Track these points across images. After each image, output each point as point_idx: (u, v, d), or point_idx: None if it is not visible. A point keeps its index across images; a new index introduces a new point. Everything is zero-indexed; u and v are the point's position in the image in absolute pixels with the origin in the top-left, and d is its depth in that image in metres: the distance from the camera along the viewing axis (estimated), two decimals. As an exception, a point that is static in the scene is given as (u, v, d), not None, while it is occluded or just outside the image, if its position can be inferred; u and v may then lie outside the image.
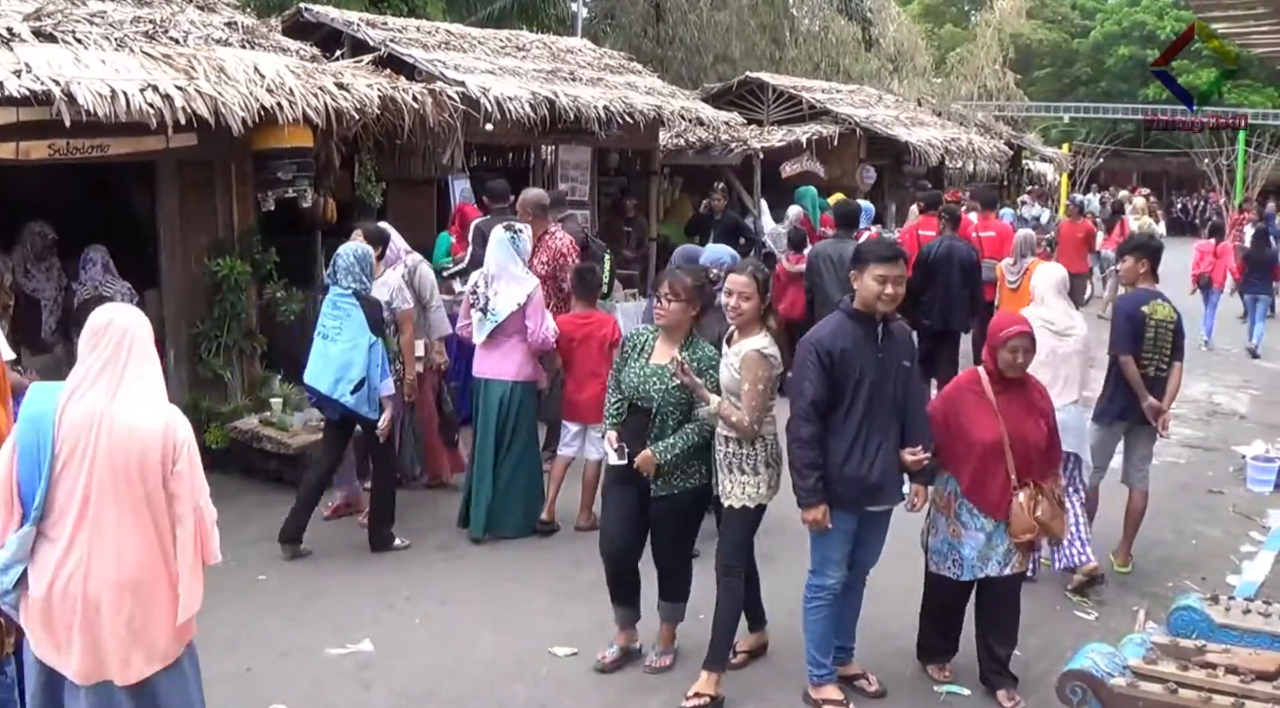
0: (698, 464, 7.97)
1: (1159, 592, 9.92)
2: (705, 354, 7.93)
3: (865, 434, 7.55)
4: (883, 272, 7.49)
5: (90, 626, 5.42)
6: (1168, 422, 10.38)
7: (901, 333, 7.87)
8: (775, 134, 24.82)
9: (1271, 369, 21.69)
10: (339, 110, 12.53)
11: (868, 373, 7.53)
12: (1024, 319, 8.26)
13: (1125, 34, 64.86)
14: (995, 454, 7.77)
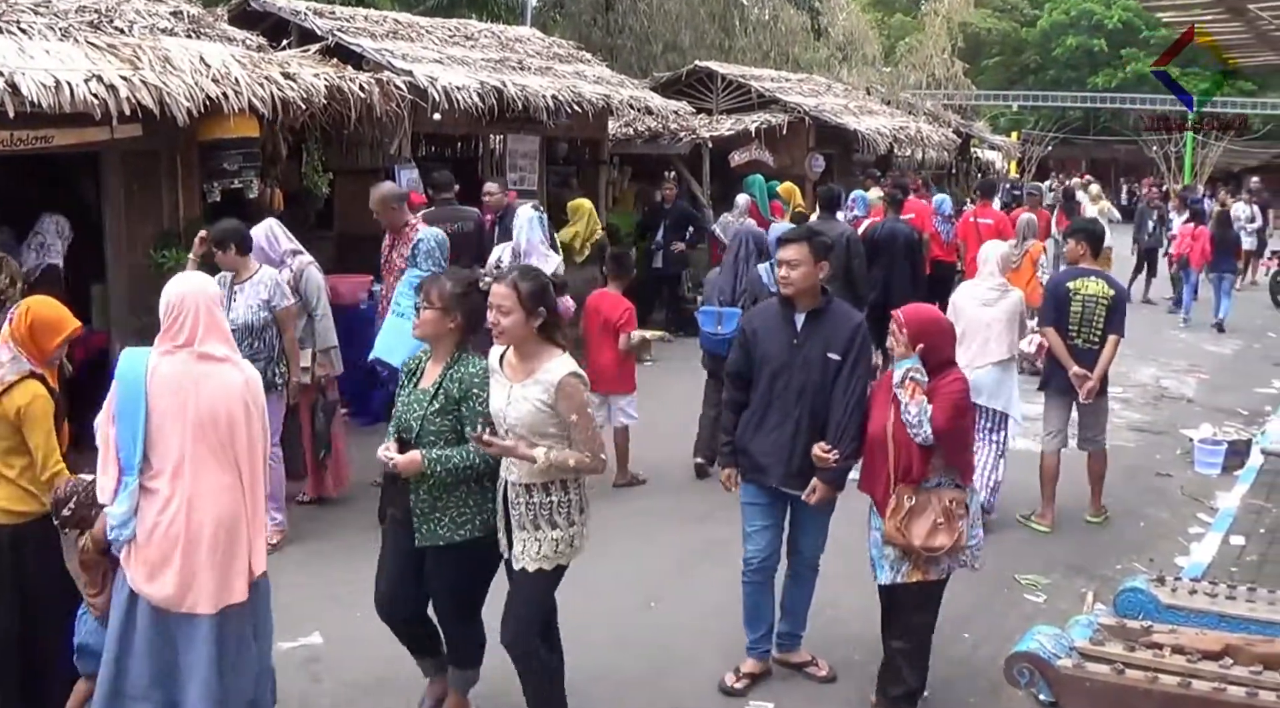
0: (470, 512, 6.75)
1: (1107, 574, 10.03)
2: (468, 373, 6.68)
3: (763, 413, 7.72)
4: (780, 255, 7.70)
5: (187, 559, 5.95)
6: (1091, 390, 11.10)
7: (837, 326, 7.61)
8: (724, 123, 24.87)
9: (1218, 353, 21.89)
10: (285, 100, 12.50)
11: (773, 356, 7.64)
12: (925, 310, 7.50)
13: (1073, 23, 65.00)
14: (879, 447, 7.28)
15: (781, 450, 7.61)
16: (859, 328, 7.63)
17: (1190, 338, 23.33)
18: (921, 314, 7.35)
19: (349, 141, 15.30)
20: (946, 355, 7.33)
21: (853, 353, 7.54)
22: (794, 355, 7.57)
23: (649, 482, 12.55)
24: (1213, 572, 9.81)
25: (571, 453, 6.40)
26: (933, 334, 7.22)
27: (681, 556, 10.21)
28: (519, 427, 6.39)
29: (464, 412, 6.69)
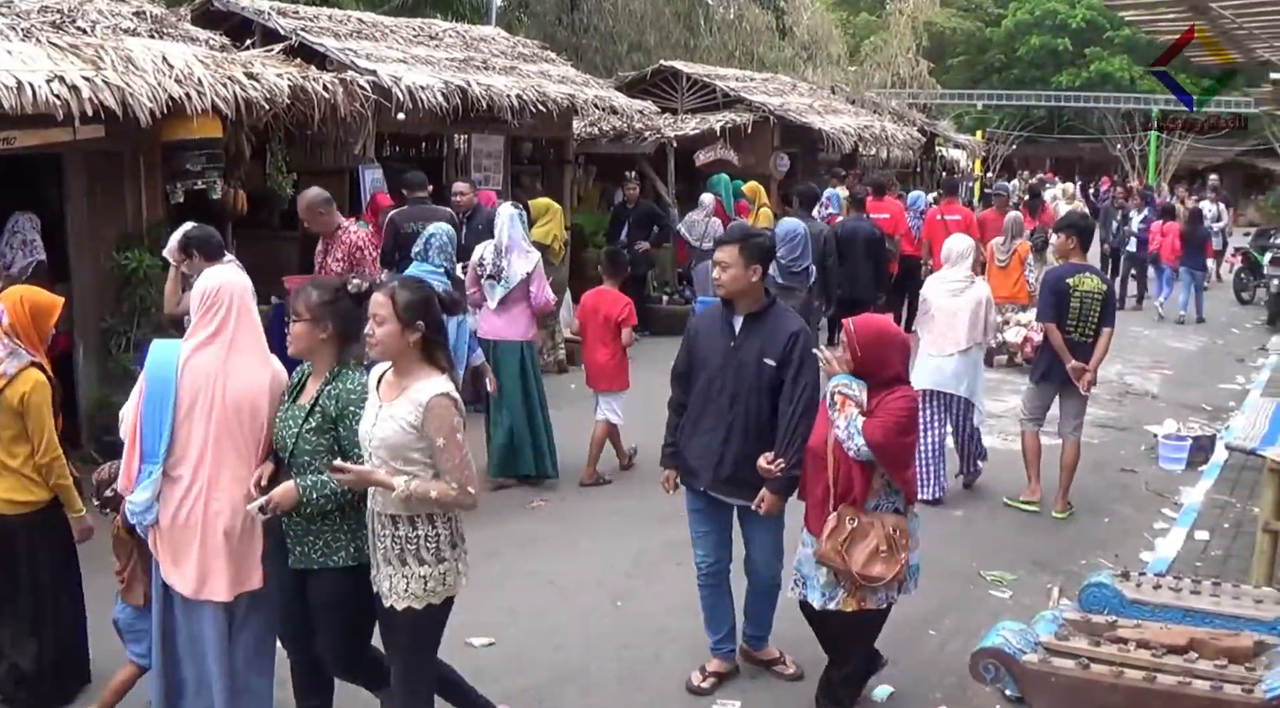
0: (345, 538, 6.21)
1: (1073, 569, 10.07)
2: (346, 389, 6.14)
3: (698, 417, 7.68)
4: (715, 256, 7.64)
5: (205, 546, 6.20)
6: (1090, 382, 11.68)
7: (775, 331, 7.42)
8: (689, 122, 24.82)
9: (1183, 349, 22.09)
10: (249, 100, 12.46)
11: (709, 359, 7.60)
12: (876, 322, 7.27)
13: (1038, 22, 65.21)
14: (817, 461, 6.98)
15: (711, 455, 7.57)
16: (797, 334, 7.39)
17: (1155, 334, 23.55)
18: (872, 325, 7.12)
19: (313, 142, 15.32)
20: (895, 370, 7.03)
21: (793, 360, 7.31)
22: (729, 359, 7.49)
23: (621, 479, 12.64)
24: (1177, 567, 9.89)
25: (435, 484, 5.80)
26: (882, 346, 7.01)
27: (648, 554, 10.22)
28: (383, 449, 5.83)
29: (341, 431, 6.11)
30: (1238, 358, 21.09)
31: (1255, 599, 7.29)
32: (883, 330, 7.13)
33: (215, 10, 17.24)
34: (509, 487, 12.26)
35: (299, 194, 12.12)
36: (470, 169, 18.00)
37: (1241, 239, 31.57)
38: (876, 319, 7.35)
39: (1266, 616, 7.06)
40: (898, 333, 7.27)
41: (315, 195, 12.01)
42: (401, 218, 13.81)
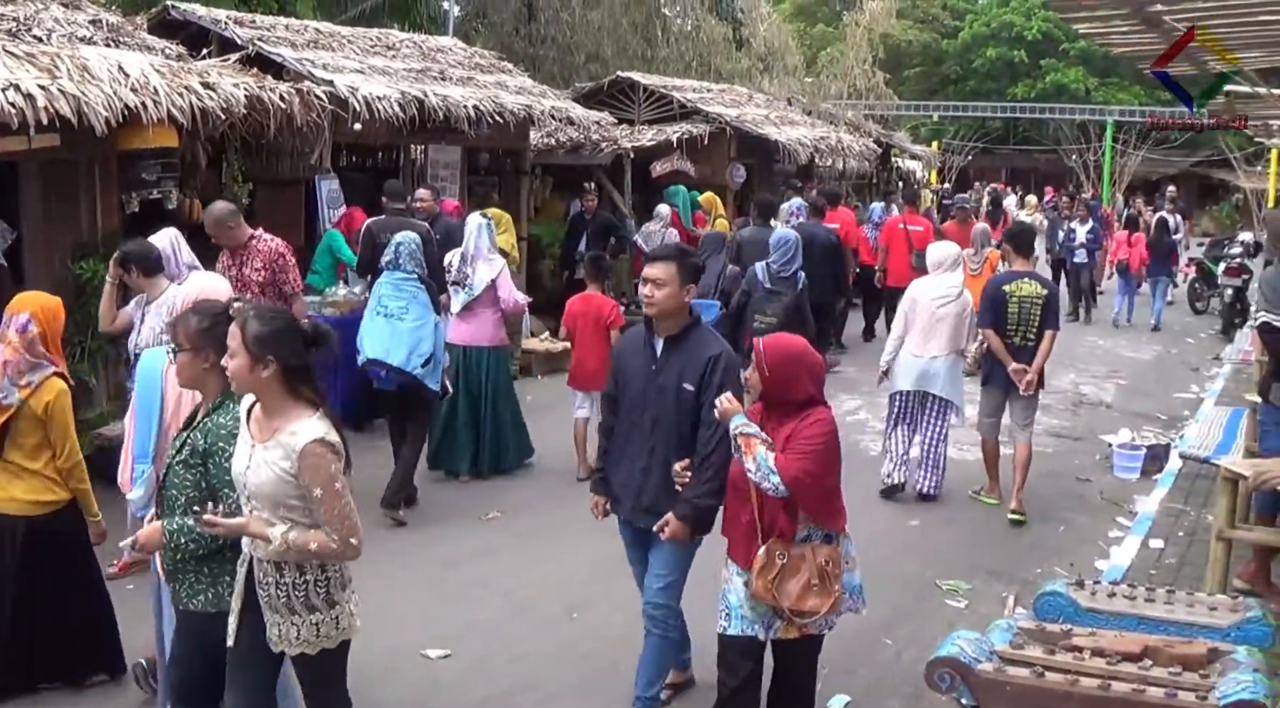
0: (205, 583, 5.87)
1: (1028, 578, 10.12)
2: (217, 424, 5.79)
3: (622, 443, 7.46)
4: (645, 272, 7.21)
5: None
6: (1030, 383, 12.07)
7: (694, 355, 7.10)
8: (646, 133, 24.84)
9: (1137, 359, 22.23)
10: (205, 110, 12.42)
11: (631, 382, 7.36)
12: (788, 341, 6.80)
13: (994, 35, 65.59)
14: (739, 491, 6.56)
15: (632, 482, 7.33)
16: (717, 359, 7.04)
17: (1109, 344, 23.70)
18: (783, 345, 6.69)
19: (269, 152, 15.25)
20: (808, 392, 6.57)
21: (712, 385, 6.93)
22: (650, 383, 7.21)
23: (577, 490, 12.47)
24: (1132, 575, 9.94)
25: (315, 535, 5.37)
26: (793, 367, 6.56)
27: (604, 564, 10.16)
28: (258, 496, 5.44)
29: (210, 469, 5.75)
30: (1192, 367, 21.23)
31: (1209, 607, 7.34)
32: (793, 350, 6.65)
33: (172, 19, 17.20)
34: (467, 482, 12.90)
35: (206, 210, 11.75)
36: (427, 179, 17.94)
37: (1196, 249, 31.77)
38: (787, 338, 6.86)
39: (1220, 623, 7.10)
40: (810, 353, 6.73)
41: (223, 209, 11.72)
42: (378, 227, 13.81)
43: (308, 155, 15.43)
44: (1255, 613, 7.14)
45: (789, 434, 6.43)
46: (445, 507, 11.82)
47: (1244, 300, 23.96)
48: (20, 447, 7.23)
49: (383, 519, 11.16)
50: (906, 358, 12.62)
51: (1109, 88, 61.60)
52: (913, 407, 12.71)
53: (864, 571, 7.16)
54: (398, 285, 11.68)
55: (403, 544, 10.74)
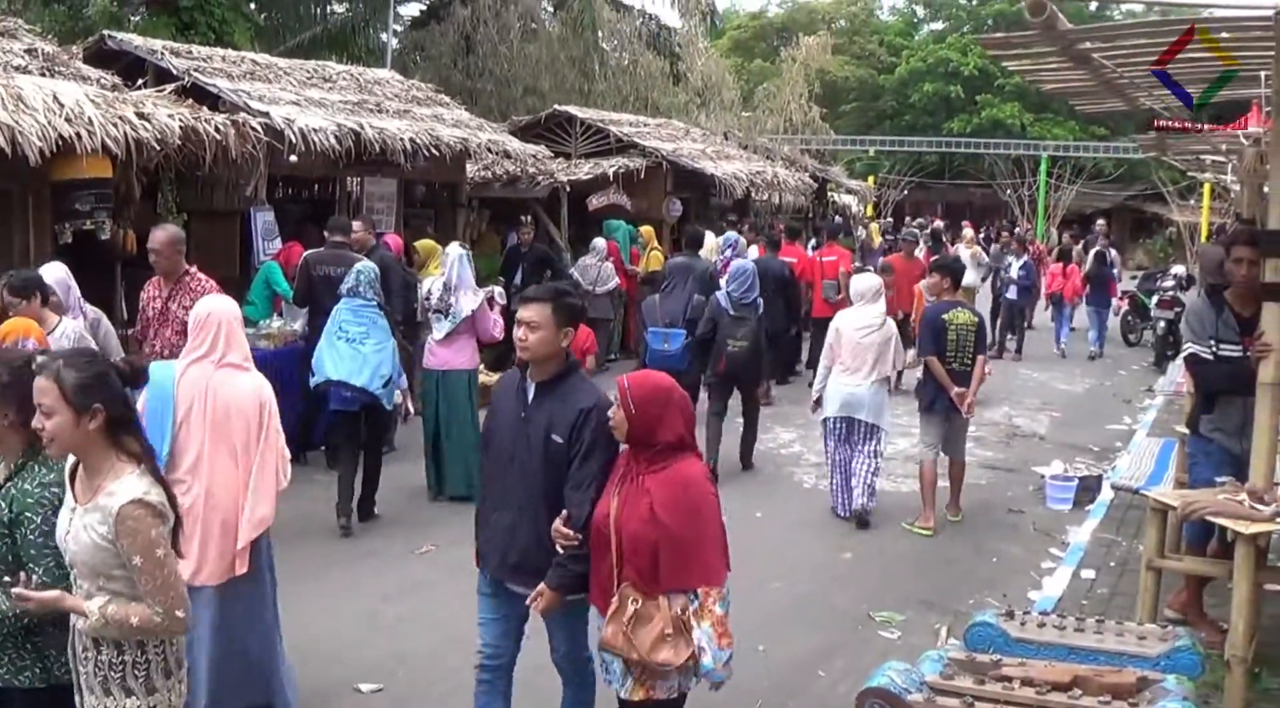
0: (30, 658, 5.29)
1: (961, 609, 10.12)
2: (24, 491, 5.16)
3: (489, 494, 6.95)
4: (519, 314, 6.61)
5: (202, 540, 7.09)
6: (972, 406, 12.99)
7: (565, 404, 6.52)
8: (583, 167, 24.93)
9: (1070, 392, 22.38)
10: (140, 140, 12.39)
11: (500, 429, 6.80)
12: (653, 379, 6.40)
13: (930, 70, 65.99)
14: (600, 535, 6.14)
15: (498, 537, 6.73)
16: (590, 411, 6.43)
17: (1043, 377, 23.82)
18: (650, 383, 6.28)
19: (204, 183, 15.23)
20: (677, 433, 6.16)
21: (582, 439, 6.40)
22: (519, 431, 6.62)
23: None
24: (1064, 605, 9.98)
25: (136, 608, 4.81)
26: (660, 406, 6.15)
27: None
28: (78, 564, 4.92)
29: (17, 540, 5.16)
30: (1124, 399, 21.36)
31: (1139, 636, 7.37)
32: (661, 388, 6.23)
33: (107, 49, 17.15)
34: None
35: (153, 230, 11.29)
36: (363, 212, 17.91)
37: (1129, 282, 32.04)
38: (654, 376, 6.42)
39: (1150, 652, 7.14)
40: (678, 391, 6.31)
41: (176, 232, 11.34)
42: (315, 260, 13.94)
43: (243, 187, 15.36)
44: (1184, 642, 7.19)
45: (655, 476, 6.05)
46: (383, 539, 11.82)
47: (1176, 333, 24.10)
48: None
49: (321, 549, 11.17)
50: (834, 385, 13.14)
51: (1044, 123, 62.09)
52: (840, 432, 13.11)
53: (797, 602, 7.17)
54: (357, 311, 12.11)
55: (340, 576, 10.72)
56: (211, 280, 11.38)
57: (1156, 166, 43.65)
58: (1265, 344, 8.10)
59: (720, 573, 6.10)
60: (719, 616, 6.04)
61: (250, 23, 30.23)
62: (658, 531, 5.93)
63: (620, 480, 6.20)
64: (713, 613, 6.01)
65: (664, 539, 5.94)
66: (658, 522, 5.94)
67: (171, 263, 11.10)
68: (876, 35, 74.66)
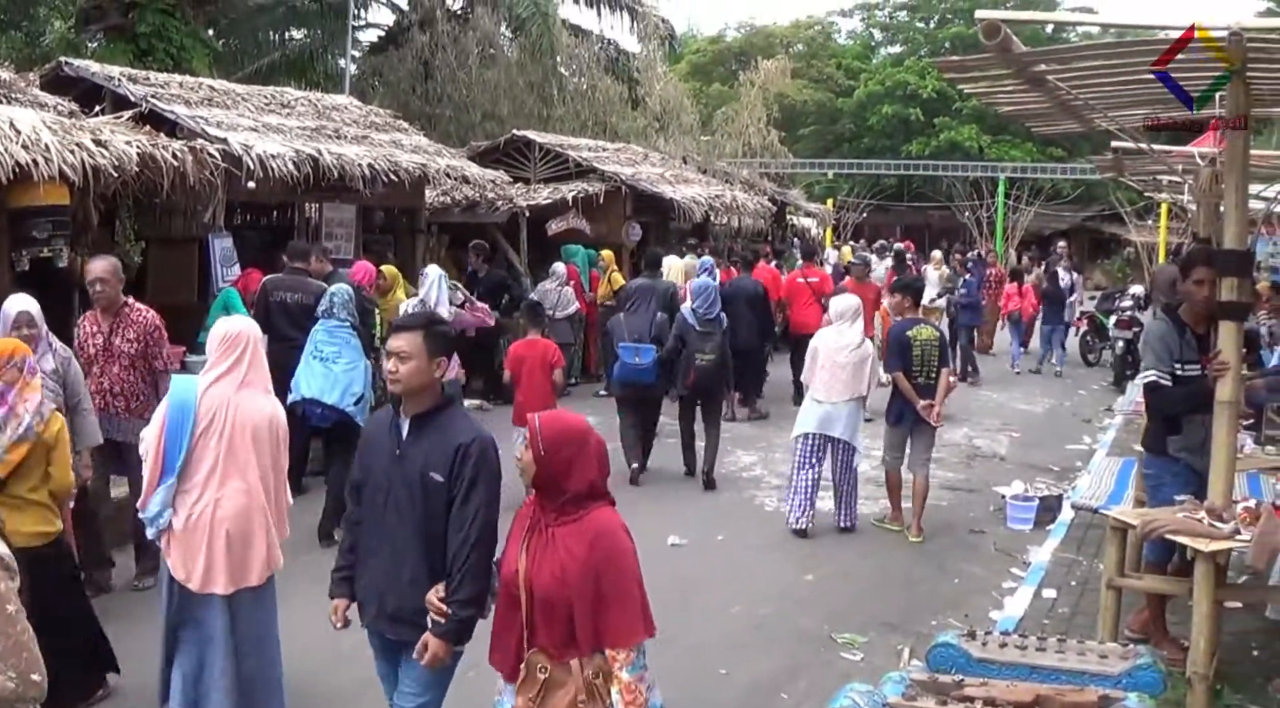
0: None
1: (923, 630, 10.11)
2: None
3: (365, 537, 6.43)
4: (390, 344, 6.27)
5: (211, 546, 7.31)
6: (939, 417, 13.46)
7: (442, 440, 6.13)
8: (542, 192, 25.04)
9: (1030, 412, 22.47)
10: (97, 167, 12.29)
11: (374, 467, 6.36)
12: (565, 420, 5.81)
13: (889, 93, 66.10)
14: (509, 594, 5.63)
15: (375, 584, 6.31)
16: (468, 447, 6.05)
17: (1003, 398, 23.93)
18: (558, 423, 5.70)
19: (162, 210, 15.17)
20: (589, 480, 5.59)
21: (463, 476, 6.01)
22: (394, 470, 6.21)
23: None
24: (1026, 624, 9.99)
25: None
26: (573, 448, 5.57)
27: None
28: None
29: None
30: (1084, 419, 21.45)
31: (1100, 655, 7.39)
32: (576, 429, 5.67)
33: (64, 76, 17.15)
34: None
35: (89, 261, 11.15)
36: (321, 238, 17.90)
37: (1087, 302, 32.17)
38: (568, 416, 5.89)
39: (1111, 670, 7.15)
40: (592, 433, 5.71)
41: (115, 261, 11.19)
42: (272, 285, 14.06)
43: (201, 213, 15.29)
44: (1146, 660, 7.20)
45: (568, 525, 5.50)
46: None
47: (1135, 352, 24.14)
48: (27, 479, 7.80)
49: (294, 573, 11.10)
50: (810, 403, 13.52)
51: (1001, 145, 62.30)
52: (817, 449, 13.36)
53: (758, 625, 7.15)
54: (331, 332, 12.59)
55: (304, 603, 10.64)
56: (151, 311, 11.19)
57: (1114, 187, 43.61)
58: (1222, 363, 8.13)
59: (637, 634, 5.45)
60: (627, 682, 5.40)
61: (208, 49, 30.17)
62: (570, 589, 5.40)
63: (528, 533, 5.61)
64: (620, 679, 5.40)
65: (578, 598, 5.40)
66: (570, 580, 5.40)
67: (111, 293, 10.82)
68: (834, 59, 74.73)
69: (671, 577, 11.07)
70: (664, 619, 8.54)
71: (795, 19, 79.45)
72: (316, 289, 13.68)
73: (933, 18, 72.33)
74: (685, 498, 14.72)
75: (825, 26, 79.47)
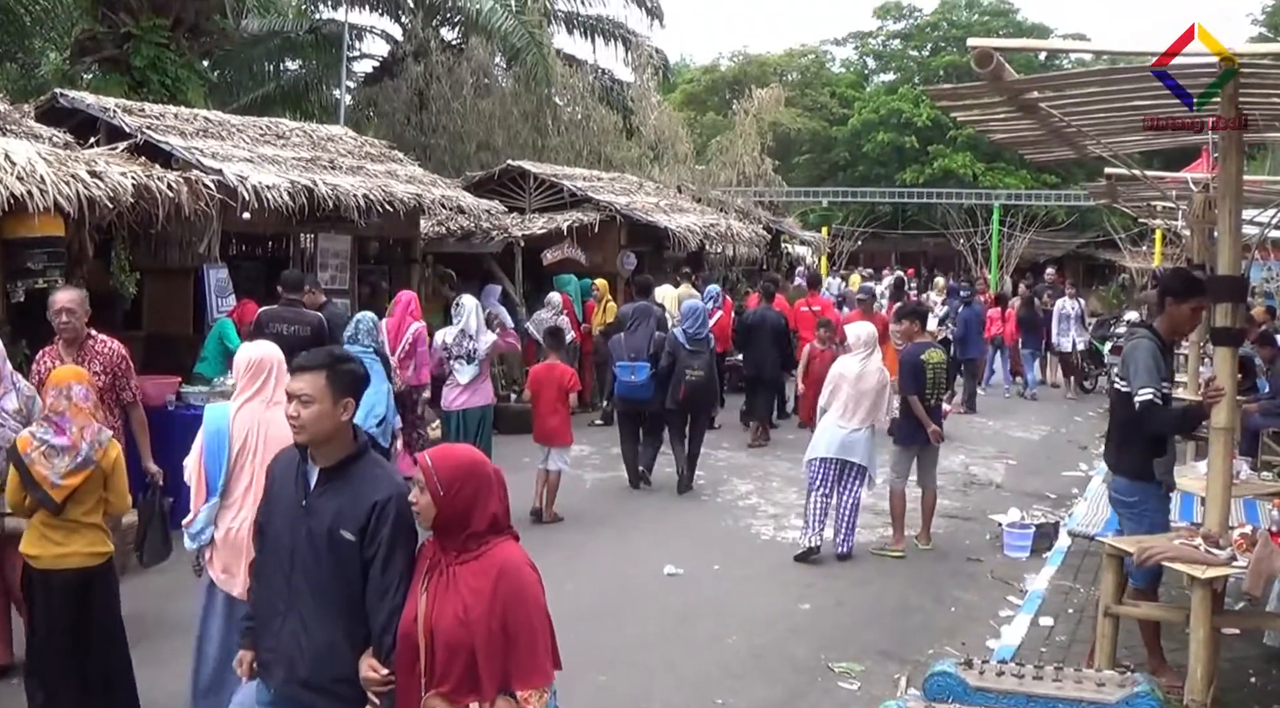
0: None
1: (920, 659, 10.06)
2: None
3: (270, 594, 5.78)
4: (289, 386, 5.76)
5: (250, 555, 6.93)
6: (939, 434, 13.98)
7: (357, 494, 5.53)
8: (537, 221, 24.98)
9: (1026, 439, 22.46)
10: (92, 199, 12.33)
11: (275, 518, 5.79)
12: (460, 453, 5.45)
13: (883, 121, 66.05)
14: (408, 642, 5.25)
15: (283, 648, 5.65)
16: (385, 505, 5.45)
17: (998, 425, 23.92)
18: (457, 457, 5.35)
19: (157, 240, 15.13)
20: (491, 515, 5.26)
21: (380, 538, 5.43)
22: (299, 523, 5.61)
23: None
24: (1023, 653, 10.00)
25: None
26: (473, 484, 5.24)
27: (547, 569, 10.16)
28: None
29: None
30: (1080, 446, 21.45)
31: (1097, 683, 7.38)
32: (472, 462, 5.34)
33: (60, 107, 17.18)
34: None
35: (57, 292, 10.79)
36: (316, 268, 17.90)
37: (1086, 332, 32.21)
38: (460, 450, 5.55)
39: (1109, 699, 7.14)
40: (489, 465, 5.39)
41: (83, 293, 10.78)
42: (267, 317, 14.16)
43: (196, 244, 15.28)
44: (1143, 688, 7.19)
45: (463, 578, 5.17)
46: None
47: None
48: (83, 502, 7.99)
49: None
50: (830, 428, 13.63)
51: (996, 172, 62.31)
52: (831, 474, 13.53)
53: (755, 654, 7.14)
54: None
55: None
56: (116, 342, 10.89)
57: (1108, 214, 43.71)
58: (1217, 389, 8.12)
59: (546, 673, 5.22)
60: None
61: (203, 80, 30.20)
62: (474, 630, 5.08)
63: (427, 574, 5.28)
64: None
65: (482, 639, 5.09)
66: (474, 620, 5.09)
67: (76, 325, 10.49)
68: (828, 87, 74.65)
69: (668, 606, 11.08)
70: (660, 649, 8.59)
71: (789, 48, 79.58)
72: (311, 320, 13.72)
73: (926, 46, 72.37)
74: (681, 526, 14.78)
75: (819, 55, 79.50)
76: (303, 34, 37.14)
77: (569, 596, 10.69)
